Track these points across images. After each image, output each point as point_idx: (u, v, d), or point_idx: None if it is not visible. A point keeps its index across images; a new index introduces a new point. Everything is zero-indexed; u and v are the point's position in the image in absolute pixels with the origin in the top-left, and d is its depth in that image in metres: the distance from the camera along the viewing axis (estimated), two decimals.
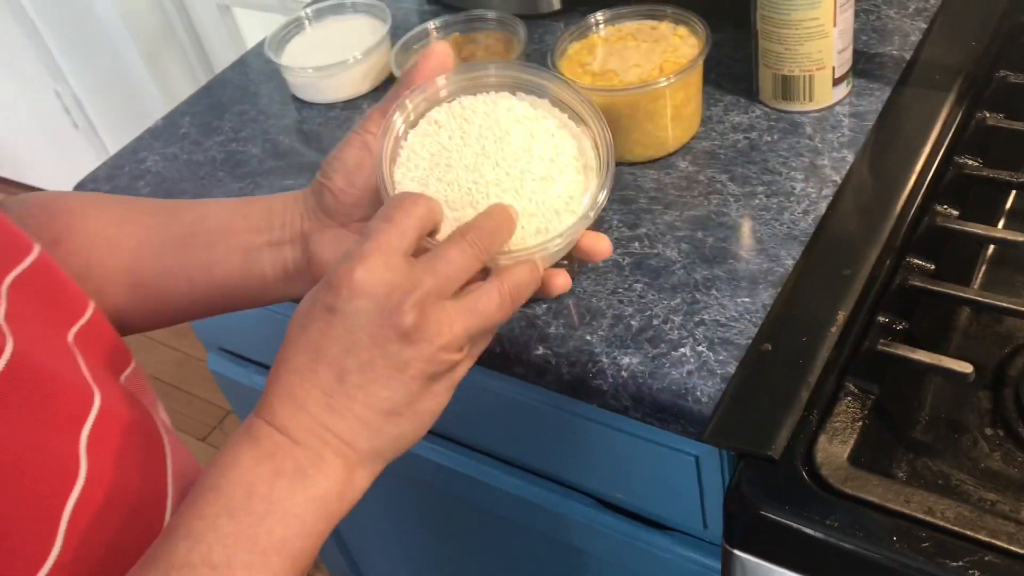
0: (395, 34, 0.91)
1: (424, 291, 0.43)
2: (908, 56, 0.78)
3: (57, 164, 2.35)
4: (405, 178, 0.50)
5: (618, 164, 0.75)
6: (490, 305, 0.46)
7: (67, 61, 2.05)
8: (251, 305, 0.58)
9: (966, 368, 0.52)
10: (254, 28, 1.89)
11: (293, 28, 0.94)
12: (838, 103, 0.76)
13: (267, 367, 0.95)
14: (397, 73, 0.84)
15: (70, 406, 0.44)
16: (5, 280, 0.46)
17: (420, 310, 0.43)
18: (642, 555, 0.78)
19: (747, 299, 0.63)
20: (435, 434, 0.85)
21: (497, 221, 0.48)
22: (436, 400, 0.45)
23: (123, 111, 2.08)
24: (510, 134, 0.51)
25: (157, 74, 1.93)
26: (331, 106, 0.90)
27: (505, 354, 0.65)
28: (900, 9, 0.83)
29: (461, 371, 0.46)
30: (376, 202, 0.51)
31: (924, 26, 0.81)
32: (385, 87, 0.91)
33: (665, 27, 0.76)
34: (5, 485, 0.39)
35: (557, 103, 0.53)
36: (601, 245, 0.52)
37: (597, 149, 0.52)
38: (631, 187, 0.73)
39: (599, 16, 0.78)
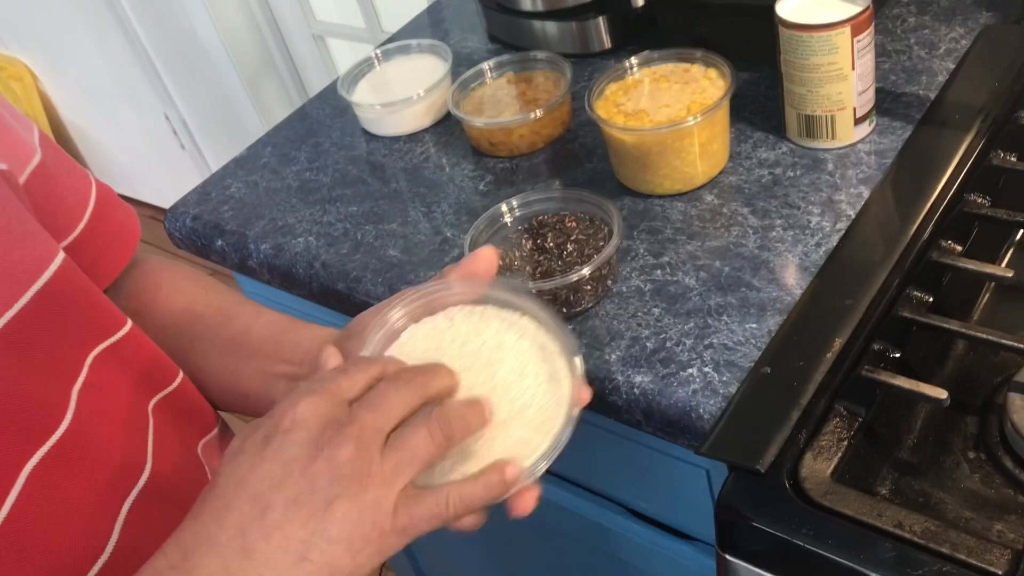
0: (457, 72, 0.99)
1: (362, 426, 0.43)
2: (933, 96, 0.82)
3: (165, 182, 2.52)
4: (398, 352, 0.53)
5: (650, 196, 0.81)
6: (420, 442, 0.44)
7: (175, 86, 2.22)
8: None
9: (941, 394, 0.56)
10: (346, 54, 2.01)
11: (365, 67, 1.03)
12: (861, 140, 0.80)
13: None
14: (452, 108, 0.92)
15: (116, 478, 0.51)
16: (91, 353, 0.54)
17: (358, 445, 0.43)
18: (667, 563, 0.83)
19: (755, 325, 0.68)
20: None
21: (470, 406, 0.47)
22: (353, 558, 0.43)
23: (226, 134, 2.23)
24: (503, 363, 0.51)
25: (257, 99, 2.07)
26: (395, 139, 0.99)
27: None
28: (931, 50, 0.87)
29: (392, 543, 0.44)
30: None
31: (952, 67, 0.84)
32: (445, 122, 0.99)
33: (696, 69, 0.82)
34: (32, 548, 0.46)
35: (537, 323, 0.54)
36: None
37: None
38: (659, 218, 0.79)
39: (634, 60, 0.84)
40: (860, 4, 0.75)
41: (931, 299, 0.66)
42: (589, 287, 0.72)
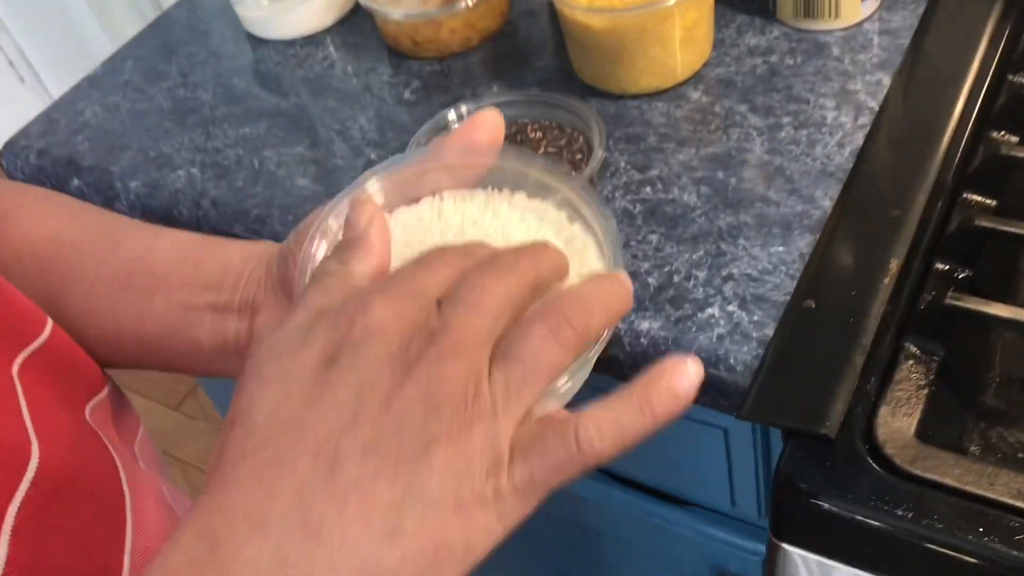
0: None
1: (462, 332, 0.29)
2: None
3: (5, 125, 2.21)
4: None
5: (622, 96, 0.66)
6: (542, 347, 0.30)
7: (6, 10, 1.92)
8: (180, 370, 0.47)
9: None
10: None
11: None
12: (867, 19, 0.67)
13: None
14: (365, 1, 0.74)
15: None
16: None
17: (458, 360, 0.29)
18: (657, 532, 0.71)
19: (781, 248, 0.54)
20: None
21: (597, 285, 0.33)
22: (473, 522, 0.28)
23: (70, 61, 1.94)
24: (515, 235, 0.38)
25: (103, 17, 1.80)
26: (290, 43, 0.80)
27: None
28: None
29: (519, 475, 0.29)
30: None
31: None
32: (351, 19, 0.81)
33: None
34: None
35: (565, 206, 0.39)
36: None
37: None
38: (638, 122, 0.64)
39: None
40: None
41: (994, 203, 0.54)
42: None
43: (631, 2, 0.62)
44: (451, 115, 0.63)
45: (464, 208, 0.39)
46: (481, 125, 0.39)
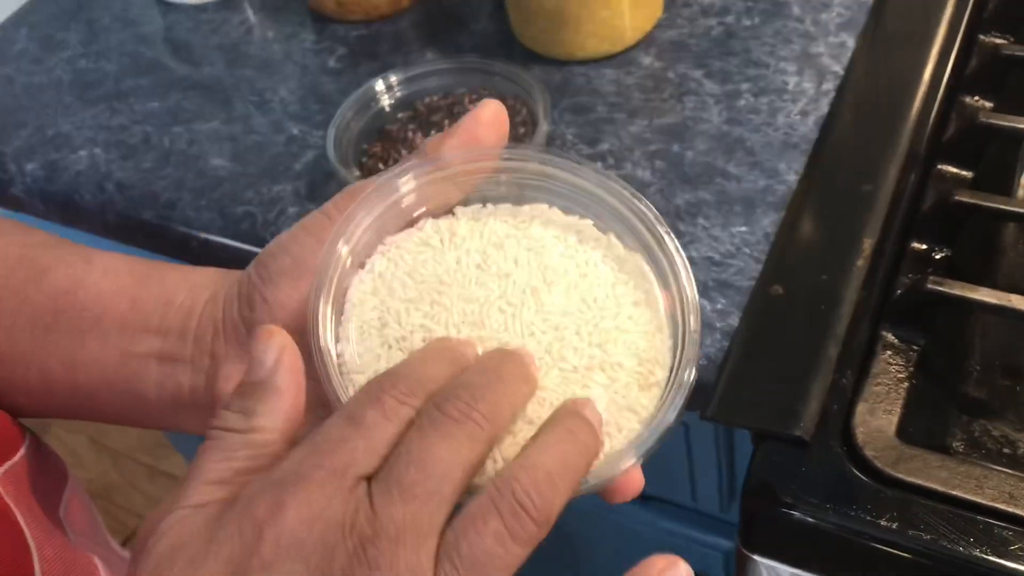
0: None
1: (392, 539, 0.24)
2: None
3: None
4: (359, 315, 0.31)
5: (568, 63, 0.61)
6: (490, 547, 0.25)
7: None
8: (127, 423, 0.39)
9: None
10: None
11: None
12: None
13: None
14: None
15: None
16: None
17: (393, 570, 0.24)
18: (615, 528, 0.67)
19: (743, 228, 0.50)
20: None
21: (504, 377, 0.28)
22: None
23: None
24: (552, 284, 0.31)
25: None
26: (202, 7, 0.73)
27: None
28: None
29: None
30: None
31: None
32: None
33: None
34: None
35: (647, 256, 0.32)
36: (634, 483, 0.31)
37: (680, 314, 0.31)
38: (586, 91, 0.59)
39: None
40: None
41: (970, 174, 0.50)
42: None
43: None
44: (379, 85, 0.57)
45: (483, 229, 0.31)
46: (487, 121, 0.32)
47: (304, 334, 0.29)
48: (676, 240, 0.31)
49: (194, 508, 0.25)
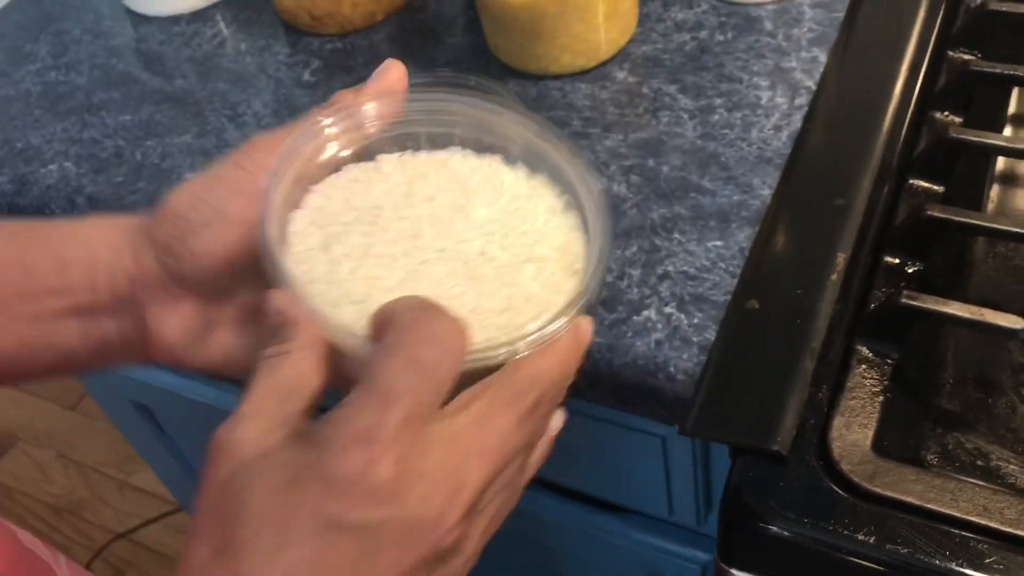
0: None
1: (478, 493, 0.29)
2: None
3: None
4: (303, 242, 0.34)
5: (543, 77, 0.61)
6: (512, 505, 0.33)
7: None
8: (56, 376, 0.40)
9: (1016, 323, 0.41)
10: None
11: None
12: None
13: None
14: None
15: None
16: None
17: (470, 524, 0.29)
18: (593, 540, 0.67)
19: (719, 242, 0.50)
20: None
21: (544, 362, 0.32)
22: None
23: None
24: (474, 204, 0.36)
25: None
26: (175, 19, 0.72)
27: None
28: None
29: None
30: (251, 270, 0.34)
31: None
32: None
33: None
34: None
35: (553, 178, 0.37)
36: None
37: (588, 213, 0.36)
38: (561, 105, 0.59)
39: None
40: None
41: (941, 188, 0.51)
42: None
43: None
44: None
45: (404, 167, 0.36)
46: (395, 78, 0.38)
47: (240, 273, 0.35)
48: (575, 154, 0.37)
49: (266, 453, 0.28)
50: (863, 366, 0.44)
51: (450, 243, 0.34)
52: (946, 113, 0.54)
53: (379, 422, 0.27)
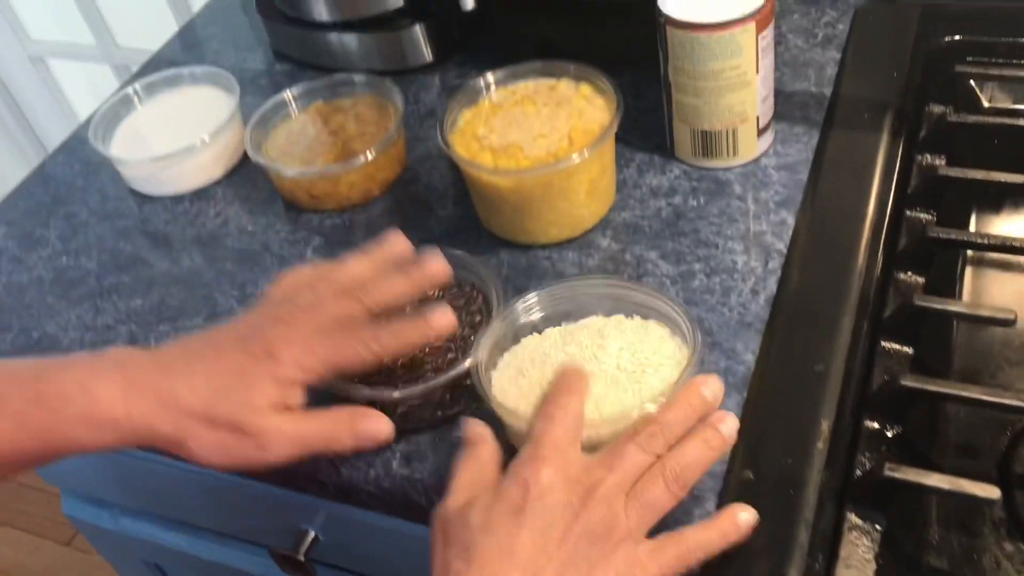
0: (246, 105, 0.78)
1: (607, 486, 0.45)
2: (828, 92, 0.71)
3: None
4: (500, 378, 0.53)
5: (531, 247, 0.65)
6: (658, 495, 0.46)
7: None
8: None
9: (993, 493, 0.44)
10: (76, 80, 1.70)
11: (121, 107, 0.80)
12: (763, 154, 0.68)
13: (126, 509, 0.81)
14: (253, 153, 0.71)
15: None
16: None
17: (607, 505, 0.45)
18: None
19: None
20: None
21: (700, 446, 0.48)
22: None
23: None
24: (609, 340, 0.53)
25: None
26: (178, 199, 0.76)
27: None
28: (808, 38, 0.76)
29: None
30: None
31: (837, 56, 0.74)
32: (241, 170, 0.78)
33: (565, 86, 0.66)
34: None
35: (659, 318, 0.54)
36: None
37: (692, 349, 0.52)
38: (550, 274, 0.63)
39: (489, 77, 0.67)
40: None
41: (911, 350, 0.55)
42: (470, 382, 0.55)
43: (535, 162, 0.61)
44: None
45: (558, 330, 0.55)
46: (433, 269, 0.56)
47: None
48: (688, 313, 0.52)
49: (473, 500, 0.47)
50: (854, 533, 0.47)
51: (595, 366, 0.51)
52: (909, 273, 0.59)
53: (533, 453, 0.46)
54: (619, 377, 0.51)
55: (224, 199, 0.76)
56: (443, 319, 0.52)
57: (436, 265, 0.55)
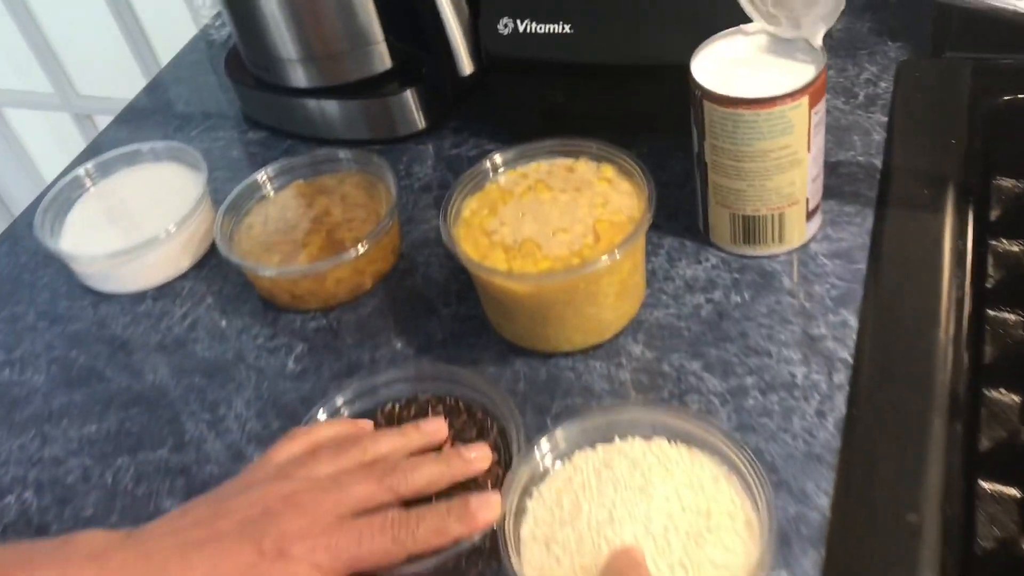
0: (215, 184, 0.69)
1: None
2: (878, 163, 0.63)
3: None
4: (528, 548, 0.44)
5: (552, 355, 0.56)
6: None
7: None
8: None
9: None
10: (36, 130, 1.59)
11: (72, 190, 0.70)
12: (812, 239, 0.59)
13: None
14: (224, 249, 0.62)
15: None
16: None
17: None
18: None
19: (784, 573, 0.45)
20: None
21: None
22: None
23: None
24: (653, 484, 0.44)
25: None
26: (139, 296, 0.67)
27: None
28: (848, 98, 0.68)
29: None
30: None
31: (883, 118, 0.66)
32: (210, 259, 0.68)
33: (585, 167, 0.58)
34: None
35: (710, 450, 0.46)
36: None
37: (756, 503, 0.43)
38: (577, 390, 0.54)
39: (497, 158, 0.58)
40: (809, 59, 0.53)
41: (1017, 493, 0.46)
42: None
43: (556, 262, 0.52)
44: (339, 400, 0.52)
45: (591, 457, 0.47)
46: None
47: None
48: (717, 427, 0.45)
49: None
50: None
51: (639, 528, 0.42)
52: (1002, 390, 0.50)
53: None
54: (670, 547, 0.42)
55: (192, 296, 0.66)
56: (489, 511, 0.43)
57: (480, 458, 0.47)
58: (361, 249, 0.59)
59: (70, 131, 1.51)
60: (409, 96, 0.72)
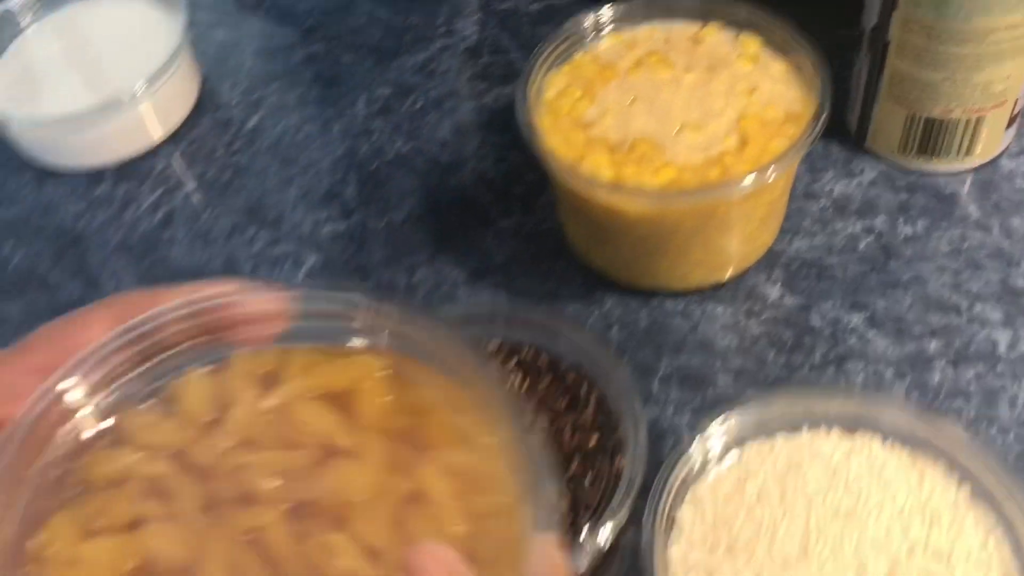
0: (197, 31, 0.52)
1: None
2: None
3: None
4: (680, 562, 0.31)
5: (656, 294, 0.42)
6: None
7: None
8: None
9: None
10: None
11: (2, 29, 0.53)
12: (1004, 153, 0.45)
13: None
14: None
15: None
16: None
17: None
18: None
19: None
20: None
21: None
22: None
23: None
24: (865, 504, 0.32)
25: None
26: (96, 175, 0.51)
27: None
28: None
29: None
30: None
31: None
32: (188, 131, 0.52)
33: (715, 37, 0.42)
34: None
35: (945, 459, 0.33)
36: None
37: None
38: (692, 346, 0.40)
39: (604, 13, 0.42)
40: None
41: None
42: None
43: (685, 176, 0.37)
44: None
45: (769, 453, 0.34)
46: None
47: None
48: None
49: None
50: None
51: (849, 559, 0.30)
52: None
53: None
54: None
55: (165, 179, 0.50)
56: None
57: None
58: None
59: None
60: None
